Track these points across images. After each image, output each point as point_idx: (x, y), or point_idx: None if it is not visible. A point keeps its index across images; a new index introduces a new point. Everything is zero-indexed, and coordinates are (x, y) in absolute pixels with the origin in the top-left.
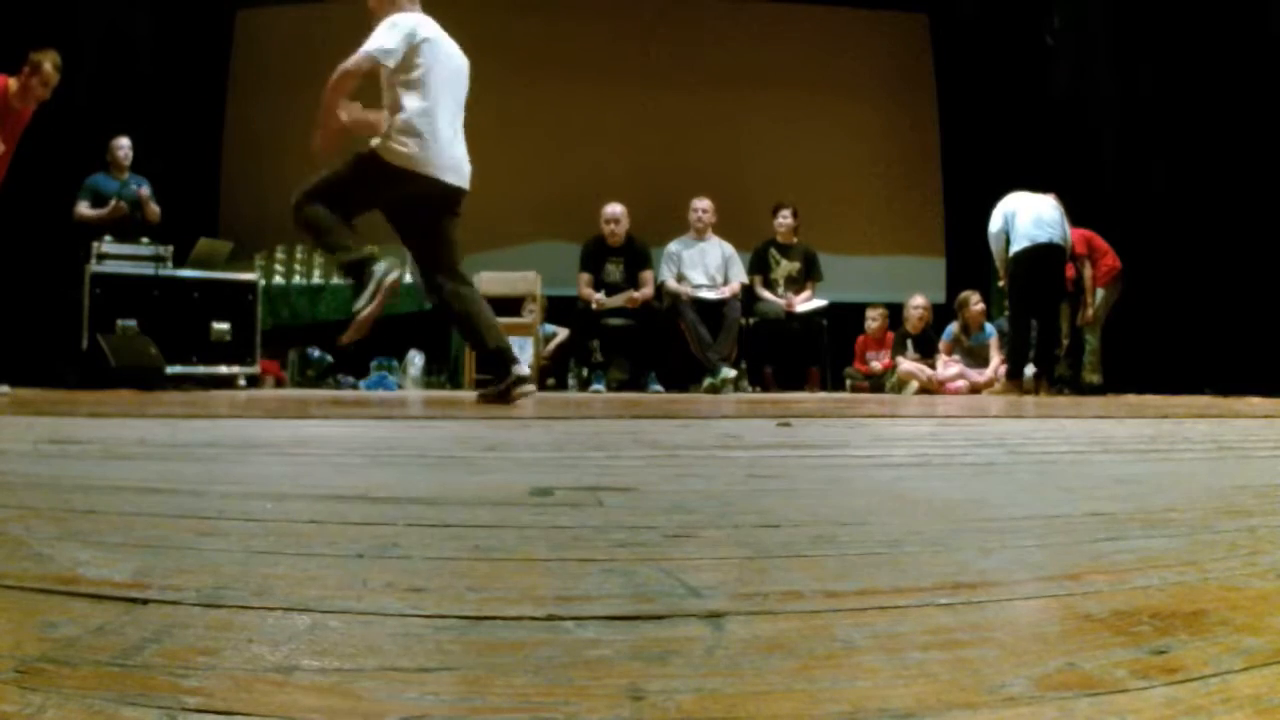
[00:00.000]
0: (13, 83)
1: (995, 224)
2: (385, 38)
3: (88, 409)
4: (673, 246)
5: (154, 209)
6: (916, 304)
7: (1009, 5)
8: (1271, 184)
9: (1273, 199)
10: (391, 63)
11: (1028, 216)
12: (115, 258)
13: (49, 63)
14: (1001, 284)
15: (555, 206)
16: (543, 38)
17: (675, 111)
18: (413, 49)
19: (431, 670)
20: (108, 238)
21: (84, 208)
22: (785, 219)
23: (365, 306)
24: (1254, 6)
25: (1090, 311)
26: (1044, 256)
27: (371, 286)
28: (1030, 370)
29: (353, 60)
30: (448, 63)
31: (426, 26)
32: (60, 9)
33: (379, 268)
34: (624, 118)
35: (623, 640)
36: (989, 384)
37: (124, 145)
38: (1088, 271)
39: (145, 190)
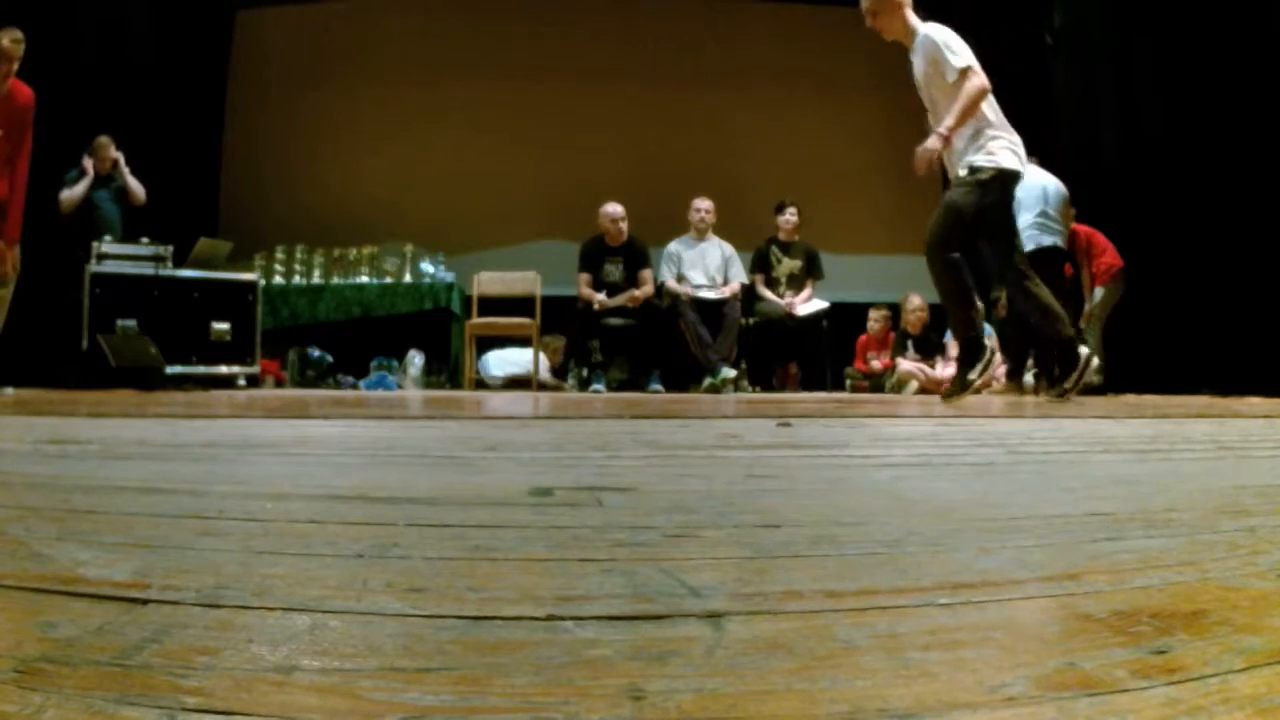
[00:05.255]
0: None
1: None
2: (964, 53)
3: (88, 409)
4: (673, 246)
5: (134, 187)
6: (914, 305)
7: (1009, 5)
8: (1272, 184)
9: (1273, 199)
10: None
11: (1032, 211)
12: (115, 258)
13: (6, 39)
14: None
15: (555, 206)
16: (543, 38)
17: (675, 111)
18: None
19: (431, 670)
20: (108, 237)
21: (64, 191)
22: (790, 217)
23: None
24: (1254, 6)
25: (1088, 308)
26: (1047, 259)
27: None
28: (1030, 370)
29: (980, 80)
30: None
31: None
32: (60, 8)
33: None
34: (624, 118)
35: (623, 640)
36: (987, 383)
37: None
38: (1086, 270)
39: (118, 159)
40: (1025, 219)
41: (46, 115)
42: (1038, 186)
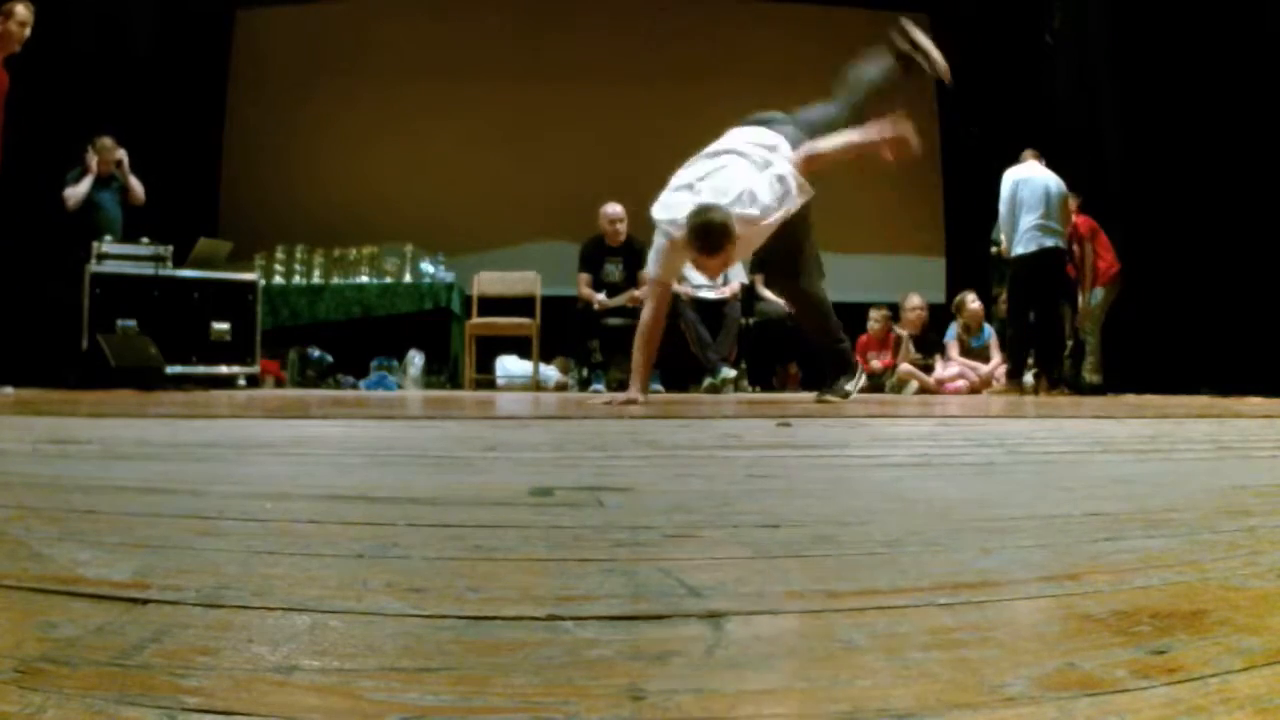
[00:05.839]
0: None
1: (1004, 206)
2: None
3: (88, 409)
4: None
5: (135, 187)
6: (913, 304)
7: (1009, 5)
8: (1271, 184)
9: (1273, 199)
10: None
11: (1034, 213)
12: (115, 258)
13: (21, 5)
14: (995, 250)
15: (555, 206)
16: (543, 38)
17: (675, 111)
18: None
19: (431, 670)
20: (108, 237)
21: (68, 190)
22: None
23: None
24: (1253, 6)
25: (1082, 304)
26: (1047, 262)
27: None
28: (1031, 370)
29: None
30: None
31: None
32: (60, 8)
33: None
34: (624, 118)
35: (623, 640)
36: (986, 382)
37: (113, 149)
38: (1089, 258)
39: (121, 158)
40: (1027, 220)
41: (48, 114)
42: (1040, 186)
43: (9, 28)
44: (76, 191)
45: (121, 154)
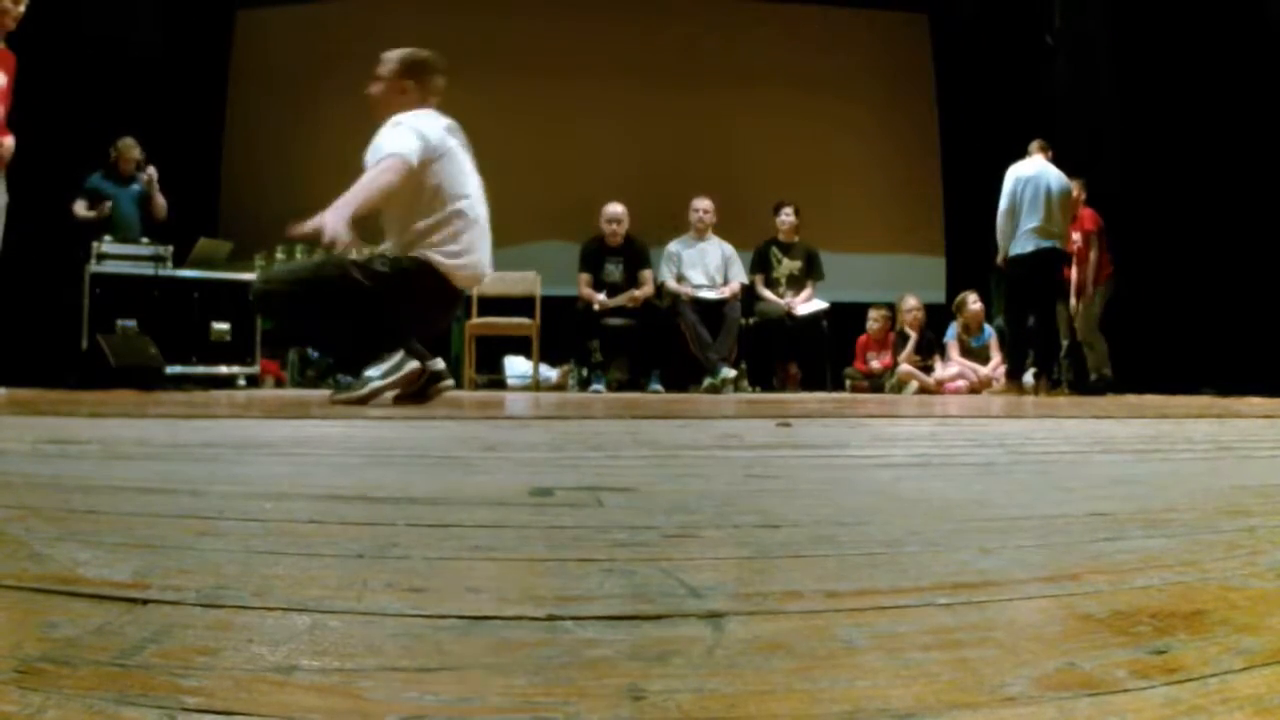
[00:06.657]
0: None
1: (1004, 203)
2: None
3: (88, 409)
4: (673, 246)
5: (160, 201)
6: (910, 305)
7: (1009, 5)
8: (1272, 183)
9: (1273, 198)
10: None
11: (1033, 214)
12: (115, 258)
13: None
14: (999, 259)
15: (555, 206)
16: (543, 38)
17: (675, 111)
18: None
19: (431, 670)
20: (108, 237)
21: (80, 207)
22: (787, 217)
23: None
24: (1253, 5)
25: (1089, 290)
26: (1045, 262)
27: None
28: (1030, 370)
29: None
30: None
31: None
32: (60, 8)
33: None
34: (624, 118)
35: (623, 640)
36: (986, 383)
37: (134, 149)
38: (1094, 253)
39: (151, 174)
40: (1027, 222)
41: (48, 113)
42: (1041, 187)
43: (3, 4)
44: (85, 213)
45: (151, 170)
